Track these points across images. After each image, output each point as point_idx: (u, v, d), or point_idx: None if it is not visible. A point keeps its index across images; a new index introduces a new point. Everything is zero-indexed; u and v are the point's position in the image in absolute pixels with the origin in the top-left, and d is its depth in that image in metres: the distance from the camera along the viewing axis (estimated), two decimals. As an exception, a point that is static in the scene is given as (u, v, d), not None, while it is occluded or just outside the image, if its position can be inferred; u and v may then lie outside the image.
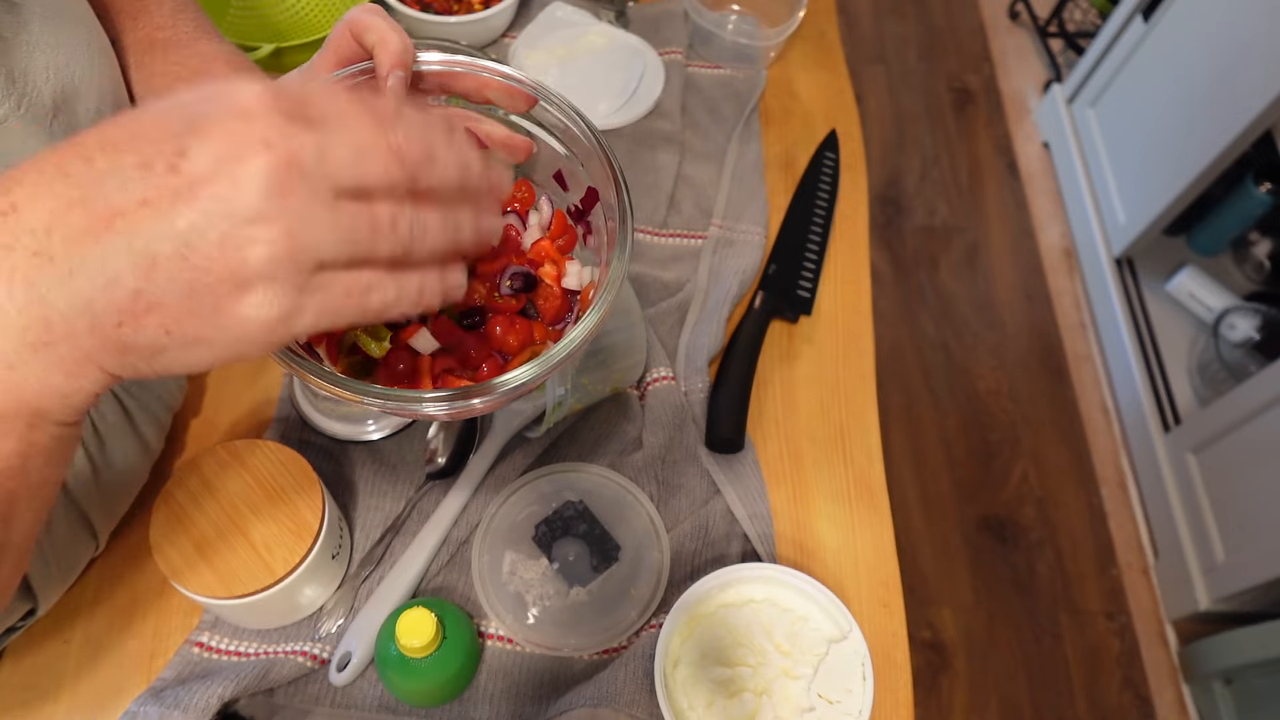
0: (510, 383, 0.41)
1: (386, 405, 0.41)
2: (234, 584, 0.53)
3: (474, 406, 0.41)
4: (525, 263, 0.50)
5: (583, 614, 0.63)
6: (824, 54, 0.96)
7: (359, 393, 0.40)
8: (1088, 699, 1.55)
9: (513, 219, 0.50)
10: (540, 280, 0.49)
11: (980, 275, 2.01)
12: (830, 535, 0.68)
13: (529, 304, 0.49)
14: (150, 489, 0.65)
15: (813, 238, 0.83)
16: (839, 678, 0.57)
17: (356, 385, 0.40)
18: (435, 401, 0.41)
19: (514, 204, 0.51)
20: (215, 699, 0.54)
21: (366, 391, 0.40)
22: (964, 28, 2.44)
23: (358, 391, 0.40)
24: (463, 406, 0.41)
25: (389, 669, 0.55)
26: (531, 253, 0.50)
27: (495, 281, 0.49)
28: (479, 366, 0.47)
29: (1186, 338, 1.80)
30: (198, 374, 0.70)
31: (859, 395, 0.75)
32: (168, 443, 0.67)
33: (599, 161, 0.46)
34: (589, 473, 0.67)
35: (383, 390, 0.41)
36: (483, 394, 0.40)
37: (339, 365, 0.46)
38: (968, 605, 1.61)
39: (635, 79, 0.88)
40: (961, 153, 2.20)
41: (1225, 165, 1.59)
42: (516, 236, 0.50)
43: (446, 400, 0.41)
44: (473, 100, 0.45)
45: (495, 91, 0.45)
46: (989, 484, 1.75)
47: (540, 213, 0.51)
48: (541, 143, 0.49)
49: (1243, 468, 1.45)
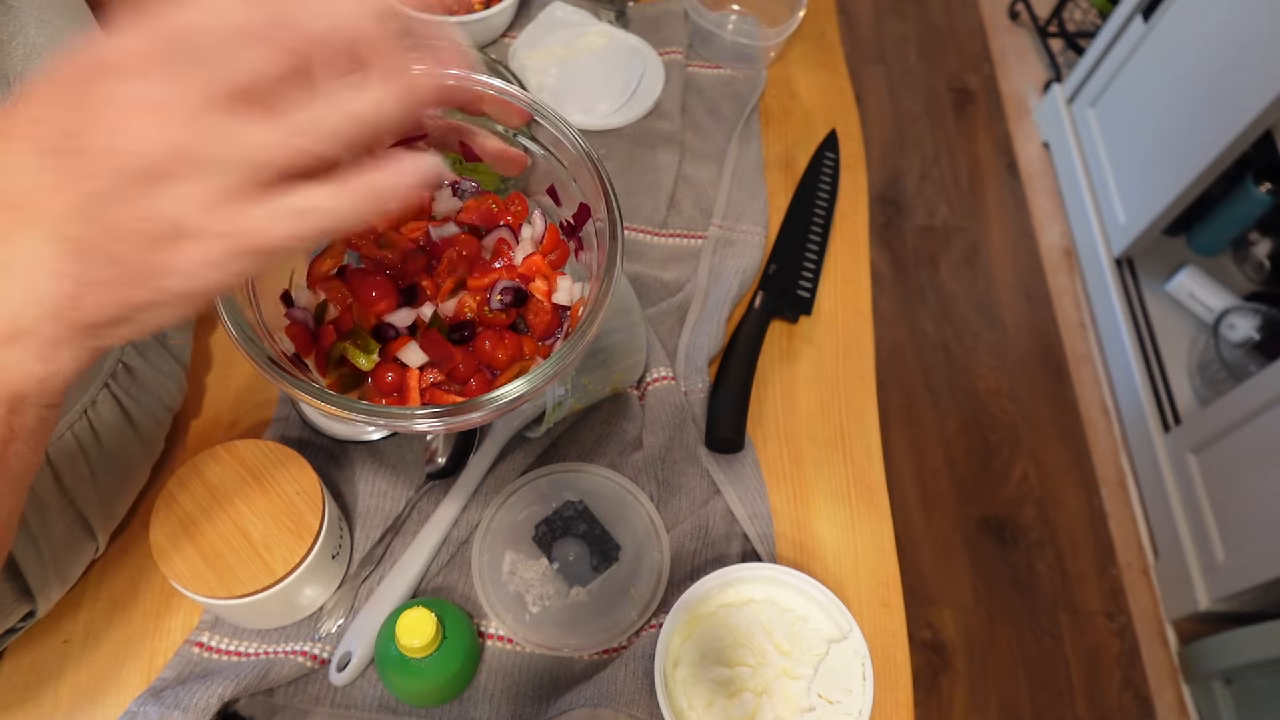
0: (499, 399, 0.40)
1: (375, 421, 0.41)
2: (234, 584, 0.53)
3: (464, 421, 0.41)
4: (516, 277, 0.49)
5: (583, 614, 0.63)
6: (824, 54, 0.96)
7: (348, 409, 0.40)
8: (1088, 699, 1.55)
9: (505, 233, 0.50)
10: (531, 295, 0.49)
11: (980, 275, 2.01)
12: (830, 535, 0.68)
13: (519, 319, 0.49)
14: (150, 489, 0.65)
15: (813, 238, 0.83)
16: (839, 678, 0.57)
17: (346, 402, 0.40)
18: (426, 419, 0.41)
19: (507, 218, 0.50)
20: (215, 699, 0.54)
21: (355, 408, 0.40)
22: (964, 27, 2.44)
23: (347, 408, 0.40)
24: (452, 422, 0.41)
25: (389, 669, 0.55)
26: (523, 267, 0.49)
27: (485, 296, 0.48)
28: (467, 381, 0.46)
29: (1186, 338, 1.80)
30: (198, 374, 0.70)
31: (859, 395, 0.75)
32: (168, 443, 0.67)
33: (590, 176, 0.46)
34: (589, 473, 0.67)
35: (370, 407, 0.41)
36: (470, 410, 0.40)
37: (328, 379, 0.46)
38: (968, 605, 1.62)
39: (635, 79, 0.88)
40: (961, 153, 2.20)
41: (1225, 165, 1.59)
42: (509, 251, 0.50)
43: (436, 417, 0.41)
44: (469, 113, 0.45)
45: (491, 105, 0.44)
46: (989, 484, 1.75)
47: (533, 226, 0.51)
48: (536, 157, 0.49)
49: (1243, 468, 1.45)
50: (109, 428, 0.57)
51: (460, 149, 0.46)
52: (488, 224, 0.50)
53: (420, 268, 0.48)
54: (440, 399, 0.46)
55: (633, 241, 0.81)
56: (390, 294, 0.47)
